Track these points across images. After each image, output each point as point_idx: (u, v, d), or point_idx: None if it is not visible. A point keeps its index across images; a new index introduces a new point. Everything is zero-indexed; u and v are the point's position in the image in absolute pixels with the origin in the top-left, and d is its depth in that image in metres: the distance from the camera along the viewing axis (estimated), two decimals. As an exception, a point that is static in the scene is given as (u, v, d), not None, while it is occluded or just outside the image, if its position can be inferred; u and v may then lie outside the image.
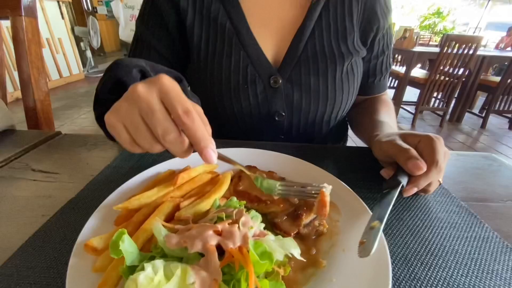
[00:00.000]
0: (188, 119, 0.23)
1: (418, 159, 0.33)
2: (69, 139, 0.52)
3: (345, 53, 0.50)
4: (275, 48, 0.51)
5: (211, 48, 0.49)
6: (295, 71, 0.49)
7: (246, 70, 0.49)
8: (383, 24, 0.53)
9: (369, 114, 0.57)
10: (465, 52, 2.75)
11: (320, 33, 0.49)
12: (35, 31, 0.69)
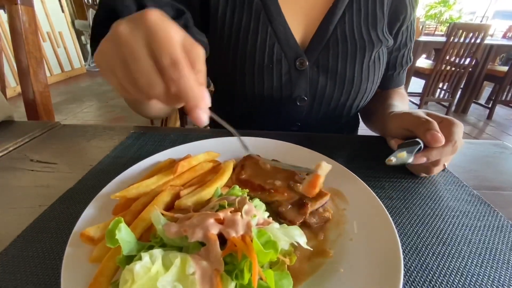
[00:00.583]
0: (174, 72, 0.20)
1: (438, 131, 0.32)
2: (68, 130, 0.51)
3: (375, 40, 0.48)
4: (303, 28, 0.48)
5: (236, 22, 0.46)
6: (322, 54, 0.47)
7: (272, 48, 0.46)
8: (410, 15, 0.51)
9: (383, 101, 0.56)
10: (472, 41, 2.68)
11: (351, 17, 0.47)
12: (32, 20, 0.68)
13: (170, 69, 0.20)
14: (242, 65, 0.47)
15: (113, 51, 0.20)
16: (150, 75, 0.20)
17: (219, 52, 0.48)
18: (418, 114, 0.35)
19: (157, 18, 0.20)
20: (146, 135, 0.48)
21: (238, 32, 0.46)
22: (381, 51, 0.49)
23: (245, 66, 0.47)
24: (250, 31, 0.46)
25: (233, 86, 0.50)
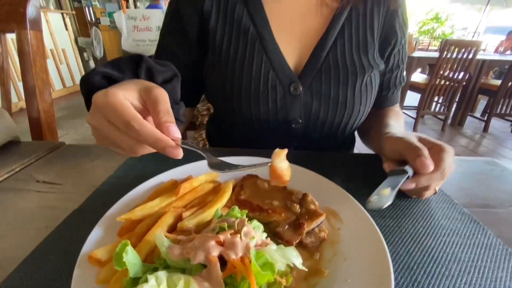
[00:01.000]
0: (131, 131, 0.24)
1: (427, 158, 0.33)
2: (72, 150, 0.53)
3: (366, 66, 0.50)
4: (297, 55, 0.51)
5: (233, 51, 0.49)
6: (315, 80, 0.50)
7: (267, 75, 0.49)
8: (400, 39, 0.54)
9: (379, 120, 0.58)
10: (465, 56, 2.76)
11: (342, 44, 0.50)
12: (40, 43, 0.71)
13: (127, 129, 0.24)
14: (239, 91, 0.49)
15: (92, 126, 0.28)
16: (118, 137, 0.25)
17: (218, 78, 0.51)
18: (410, 139, 0.36)
19: (101, 96, 0.25)
20: (148, 155, 0.49)
21: (235, 60, 0.49)
22: (372, 75, 0.52)
23: (242, 92, 0.49)
24: (246, 59, 0.49)
25: (231, 110, 0.52)
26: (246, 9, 0.49)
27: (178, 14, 0.51)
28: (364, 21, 0.50)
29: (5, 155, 0.51)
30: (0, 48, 0.72)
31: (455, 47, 2.73)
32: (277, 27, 0.49)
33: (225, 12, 0.49)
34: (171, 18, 0.54)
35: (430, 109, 3.18)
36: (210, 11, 0.49)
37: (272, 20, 0.49)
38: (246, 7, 0.49)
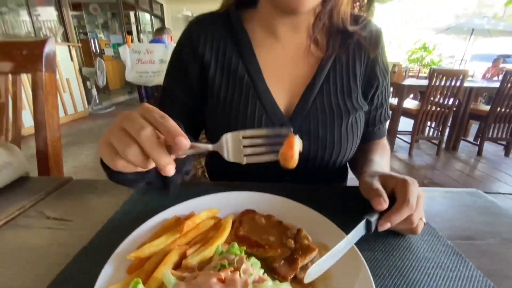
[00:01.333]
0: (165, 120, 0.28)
1: (381, 196, 0.36)
2: (80, 185, 0.56)
3: (350, 109, 0.56)
4: (287, 100, 0.57)
5: (230, 97, 0.55)
6: (305, 122, 0.55)
7: (261, 118, 0.54)
8: (382, 82, 0.60)
9: (364, 154, 0.62)
10: (453, 84, 2.90)
11: (328, 89, 0.56)
12: (53, 84, 0.77)
13: (162, 120, 0.28)
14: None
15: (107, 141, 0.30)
16: (126, 141, 0.28)
17: (216, 120, 0.56)
18: (371, 181, 0.40)
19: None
20: (151, 191, 0.53)
21: (231, 105, 0.54)
22: (357, 116, 0.57)
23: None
24: (241, 104, 0.54)
25: None
26: (241, 60, 0.55)
27: (181, 62, 0.58)
28: (347, 68, 0.56)
29: (15, 191, 0.53)
30: (15, 88, 0.78)
31: (443, 75, 2.87)
32: (269, 75, 0.55)
33: (222, 62, 0.55)
34: (174, 65, 0.60)
35: (424, 134, 3.26)
36: (210, 61, 0.55)
37: (264, 69, 0.55)
38: (241, 58, 0.55)
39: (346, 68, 0.57)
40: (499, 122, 3.18)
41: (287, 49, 0.57)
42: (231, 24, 0.57)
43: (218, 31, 0.57)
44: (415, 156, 3.22)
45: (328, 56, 0.55)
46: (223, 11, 0.58)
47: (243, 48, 0.56)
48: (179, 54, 0.59)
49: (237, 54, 0.55)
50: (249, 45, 0.56)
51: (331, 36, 0.56)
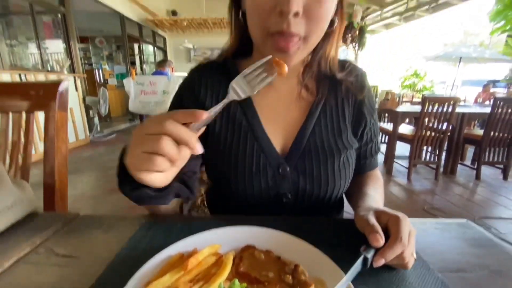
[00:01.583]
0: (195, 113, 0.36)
1: (377, 232, 0.39)
2: (87, 221, 0.58)
3: (341, 148, 0.60)
4: (282, 142, 0.61)
5: (229, 140, 0.60)
6: (299, 161, 0.59)
7: (258, 160, 0.58)
8: (370, 120, 0.66)
9: (358, 187, 0.65)
10: (445, 110, 3.00)
11: (320, 130, 0.61)
12: (64, 121, 0.82)
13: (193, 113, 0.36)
14: (234, 172, 0.58)
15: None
16: (156, 138, 0.33)
17: (216, 161, 0.60)
18: (367, 217, 0.43)
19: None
20: (155, 226, 0.55)
21: (231, 147, 0.59)
22: (348, 154, 0.62)
23: (237, 173, 0.58)
24: (240, 146, 0.59)
25: (228, 188, 0.60)
26: (239, 105, 0.60)
27: (182, 107, 0.62)
28: (336, 111, 0.62)
29: (25, 227, 0.56)
30: (28, 126, 0.83)
31: (435, 102, 2.98)
32: (265, 118, 0.60)
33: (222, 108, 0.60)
34: (174, 105, 0.64)
35: (421, 159, 3.30)
36: (210, 107, 0.60)
37: (261, 113, 0.60)
38: (239, 104, 0.60)
39: (336, 110, 0.62)
40: (494, 146, 3.24)
41: (281, 95, 0.63)
42: (229, 72, 0.63)
43: (217, 79, 0.63)
44: (414, 181, 3.23)
45: (318, 100, 0.61)
46: (221, 60, 0.64)
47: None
48: (180, 99, 0.64)
49: (236, 101, 0.61)
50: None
51: (320, 82, 0.62)
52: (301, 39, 0.48)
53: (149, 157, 0.33)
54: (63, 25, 5.10)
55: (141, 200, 0.46)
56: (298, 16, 0.44)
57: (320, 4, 0.45)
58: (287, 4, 0.42)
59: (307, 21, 0.46)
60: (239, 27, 0.58)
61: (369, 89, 0.66)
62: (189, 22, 8.71)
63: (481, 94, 7.52)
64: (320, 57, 0.58)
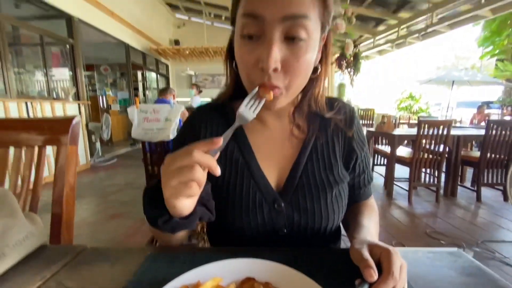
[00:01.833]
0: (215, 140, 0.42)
1: (372, 268, 0.42)
2: (94, 253, 0.61)
3: (332, 182, 0.64)
4: (277, 177, 0.65)
5: (226, 178, 0.64)
6: (294, 196, 0.62)
7: (255, 196, 0.62)
8: (360, 154, 0.70)
9: (354, 217, 0.69)
10: (440, 132, 3.07)
11: (312, 166, 0.64)
12: (74, 155, 0.87)
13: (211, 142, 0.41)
14: (232, 208, 0.62)
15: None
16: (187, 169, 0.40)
17: (215, 199, 0.64)
18: (361, 250, 0.46)
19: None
20: (160, 257, 0.58)
21: (228, 184, 0.63)
22: (341, 188, 0.65)
23: (234, 209, 0.62)
24: (237, 183, 0.63)
25: (226, 223, 0.63)
26: (236, 144, 0.65)
27: (183, 144, 0.67)
28: (327, 147, 0.67)
29: (36, 260, 0.58)
30: (39, 160, 0.87)
31: (430, 125, 3.06)
32: (260, 156, 0.65)
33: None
34: (177, 144, 0.70)
35: (421, 181, 3.31)
36: None
37: (256, 151, 0.65)
38: (236, 143, 0.66)
39: (326, 146, 0.67)
40: (491, 167, 3.27)
41: (274, 133, 0.68)
42: (226, 114, 0.68)
43: (215, 120, 0.68)
44: (415, 204, 3.22)
45: (309, 137, 0.66)
46: (220, 102, 0.70)
47: (237, 134, 0.66)
48: (182, 139, 0.70)
49: (233, 140, 0.66)
50: (242, 132, 0.66)
51: (310, 120, 0.67)
52: (282, 88, 0.53)
53: (186, 184, 0.40)
54: (71, 55, 5.35)
55: (174, 229, 0.51)
56: (277, 71, 0.50)
57: (297, 59, 0.49)
58: (266, 62, 0.47)
59: (286, 74, 0.51)
60: (234, 75, 0.64)
61: (358, 125, 0.71)
62: (191, 51, 9.12)
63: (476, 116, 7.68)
64: (309, 99, 0.64)
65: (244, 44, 0.51)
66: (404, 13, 6.50)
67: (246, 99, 0.51)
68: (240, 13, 0.51)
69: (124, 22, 6.84)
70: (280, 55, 0.48)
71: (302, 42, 0.49)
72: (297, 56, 0.49)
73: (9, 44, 4.01)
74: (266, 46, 0.48)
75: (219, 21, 10.21)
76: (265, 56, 0.47)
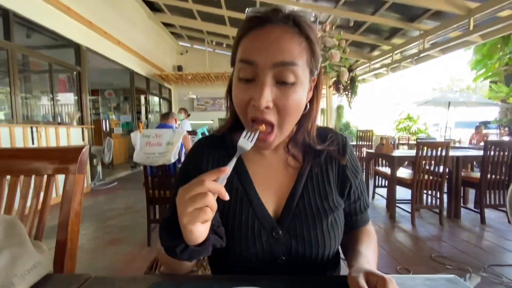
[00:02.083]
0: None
1: None
2: (98, 283, 0.62)
3: (328, 210, 0.66)
4: (275, 206, 0.67)
5: (226, 207, 0.66)
6: (291, 224, 0.65)
7: (254, 224, 0.64)
8: (354, 181, 0.72)
9: (352, 244, 0.71)
10: (439, 154, 3.09)
11: (308, 194, 0.67)
12: (81, 183, 0.90)
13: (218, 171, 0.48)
14: (232, 236, 0.64)
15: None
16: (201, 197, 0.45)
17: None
18: (357, 279, 0.48)
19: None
20: (164, 286, 0.59)
21: (228, 213, 0.66)
22: (336, 215, 0.68)
23: (234, 236, 0.64)
24: (237, 211, 0.65)
25: (226, 250, 0.65)
26: (236, 174, 0.69)
27: (187, 175, 0.71)
28: (322, 176, 0.70)
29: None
30: (47, 188, 0.90)
31: (428, 147, 3.10)
32: (259, 185, 0.68)
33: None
34: (182, 178, 0.72)
35: (422, 203, 3.29)
36: None
37: (255, 180, 0.68)
38: (236, 172, 0.69)
39: (321, 175, 0.70)
40: (493, 188, 3.25)
41: (271, 163, 0.71)
42: (226, 145, 0.73)
43: (216, 150, 0.73)
44: (418, 226, 3.17)
45: (305, 167, 0.69)
46: (220, 134, 0.75)
47: (237, 164, 0.68)
48: (186, 169, 0.73)
49: (233, 170, 0.69)
50: (242, 162, 0.70)
51: (305, 151, 0.71)
52: (275, 127, 0.59)
53: (200, 210, 0.45)
54: (77, 81, 5.55)
55: (191, 257, 0.54)
56: (269, 108, 0.56)
57: (287, 99, 0.54)
58: (258, 101, 0.53)
59: (278, 112, 0.57)
60: (233, 110, 0.68)
61: (351, 153, 0.74)
62: (193, 76, 9.44)
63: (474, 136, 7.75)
64: (302, 132, 0.68)
65: (240, 85, 0.57)
66: (397, 40, 6.82)
67: (244, 132, 0.58)
68: (238, 58, 0.58)
69: (130, 50, 7.16)
70: (272, 96, 0.54)
71: (291, 85, 0.55)
72: (286, 96, 0.55)
73: (18, 71, 4.19)
74: (258, 88, 0.54)
75: (220, 48, 10.67)
76: (257, 96, 0.53)
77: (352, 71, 5.51)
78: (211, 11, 7.34)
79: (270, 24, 0.54)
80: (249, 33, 0.55)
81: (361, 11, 5.99)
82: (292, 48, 0.53)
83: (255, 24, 0.55)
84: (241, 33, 0.57)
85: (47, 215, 0.89)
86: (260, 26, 0.54)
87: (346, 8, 5.94)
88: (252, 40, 0.55)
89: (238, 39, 0.58)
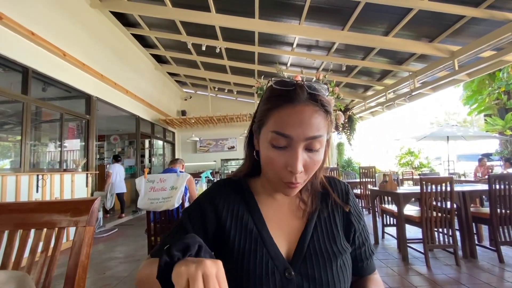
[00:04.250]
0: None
1: None
2: None
3: (336, 253, 0.69)
4: (287, 247, 0.70)
5: (241, 247, 0.68)
6: (303, 265, 0.66)
7: (267, 264, 0.65)
8: (358, 227, 0.76)
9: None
10: (443, 189, 3.06)
11: (318, 237, 0.70)
12: (91, 235, 0.92)
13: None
14: (246, 276, 0.65)
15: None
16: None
17: (229, 266, 0.67)
18: None
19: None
20: None
21: (244, 253, 0.67)
22: (344, 258, 0.69)
23: (249, 278, 0.65)
24: (251, 252, 0.67)
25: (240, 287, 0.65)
26: (250, 216, 0.72)
27: (202, 212, 0.73)
28: (329, 219, 0.73)
29: None
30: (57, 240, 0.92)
31: (431, 183, 3.08)
32: (272, 226, 0.71)
33: (236, 219, 0.72)
34: (196, 211, 0.75)
35: (435, 241, 3.14)
36: (226, 217, 0.72)
37: (268, 222, 0.72)
38: (250, 215, 0.72)
39: (328, 218, 0.74)
40: (506, 224, 3.15)
41: (283, 207, 0.76)
42: (242, 189, 0.78)
43: (233, 194, 0.77)
44: (434, 268, 2.99)
45: (314, 210, 0.74)
46: (237, 178, 0.81)
47: (251, 207, 0.74)
48: (202, 206, 0.76)
49: (247, 212, 0.73)
50: (255, 205, 0.75)
51: (313, 195, 0.76)
52: (302, 183, 0.67)
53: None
54: (86, 129, 5.77)
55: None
56: (301, 172, 0.64)
57: (314, 163, 0.65)
58: (294, 167, 0.61)
59: (306, 173, 0.65)
60: (253, 159, 0.77)
61: (353, 200, 0.79)
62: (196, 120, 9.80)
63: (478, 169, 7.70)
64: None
65: (274, 151, 0.65)
66: (389, 80, 7.23)
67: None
68: (270, 127, 0.65)
69: (137, 98, 7.58)
70: (302, 162, 0.63)
71: (317, 151, 0.64)
72: (314, 160, 0.65)
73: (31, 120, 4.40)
74: (294, 156, 0.62)
75: (222, 93, 11.28)
76: (293, 164, 0.61)
77: (348, 110, 5.74)
78: (213, 62, 7.94)
79: (299, 103, 0.62)
80: (281, 108, 0.63)
81: (351, 57, 6.48)
82: (320, 124, 0.63)
83: (286, 101, 0.63)
84: (270, 106, 0.65)
85: (55, 269, 0.89)
86: (291, 103, 0.61)
87: (337, 55, 6.44)
88: (285, 117, 0.61)
89: (267, 110, 0.66)
